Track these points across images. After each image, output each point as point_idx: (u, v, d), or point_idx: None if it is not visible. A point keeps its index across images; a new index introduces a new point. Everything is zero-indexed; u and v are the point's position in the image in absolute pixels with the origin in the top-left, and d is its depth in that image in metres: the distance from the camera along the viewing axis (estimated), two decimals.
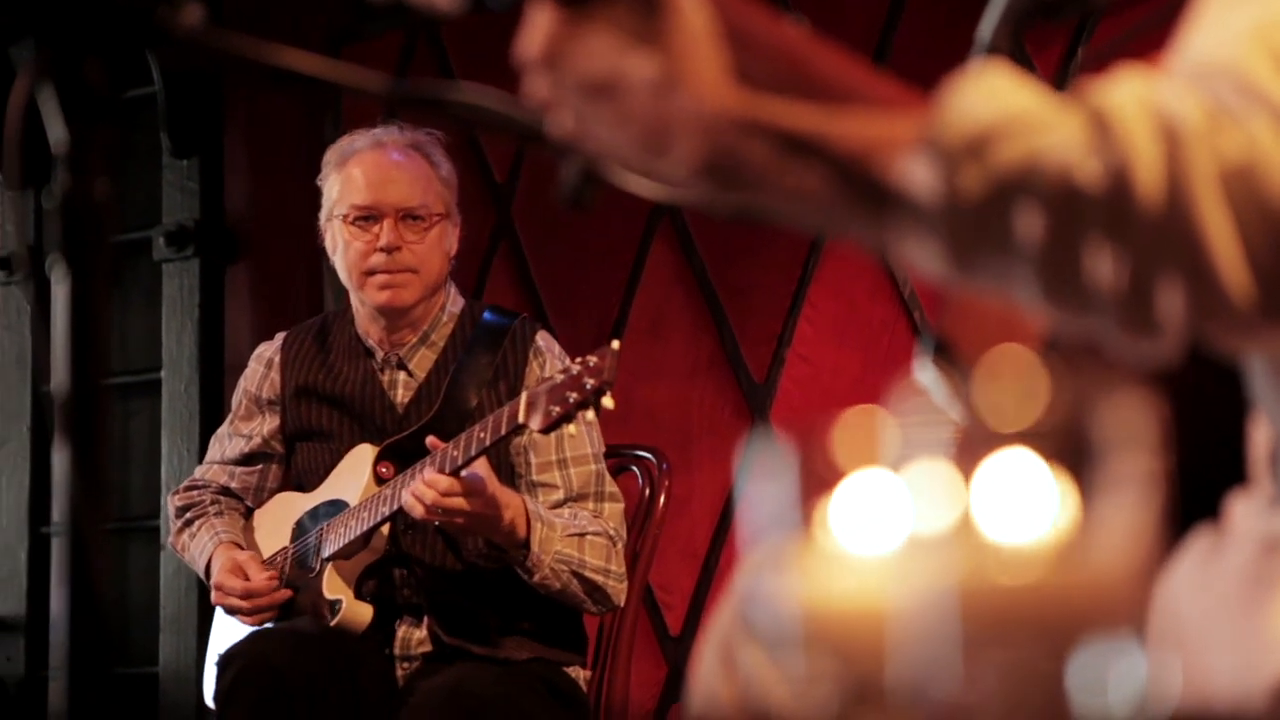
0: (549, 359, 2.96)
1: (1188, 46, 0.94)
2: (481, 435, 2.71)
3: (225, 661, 2.83)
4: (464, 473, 2.72)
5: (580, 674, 2.97)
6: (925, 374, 1.00)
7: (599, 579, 2.84)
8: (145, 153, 4.63)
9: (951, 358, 1.09)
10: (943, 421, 0.62)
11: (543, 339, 3.00)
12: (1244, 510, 1.04)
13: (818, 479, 0.63)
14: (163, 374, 4.52)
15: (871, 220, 0.95)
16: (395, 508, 2.81)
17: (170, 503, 3.20)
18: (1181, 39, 0.95)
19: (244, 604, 2.96)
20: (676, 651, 3.80)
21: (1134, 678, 0.58)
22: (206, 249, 4.49)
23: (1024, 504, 0.60)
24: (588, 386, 2.64)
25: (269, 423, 3.12)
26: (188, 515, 3.14)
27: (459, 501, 2.70)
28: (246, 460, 3.14)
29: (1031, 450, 0.61)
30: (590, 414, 2.73)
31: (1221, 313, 0.88)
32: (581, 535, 2.84)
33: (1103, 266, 0.88)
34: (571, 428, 2.69)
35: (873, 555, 0.61)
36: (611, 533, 2.87)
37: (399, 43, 4.31)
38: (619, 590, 2.88)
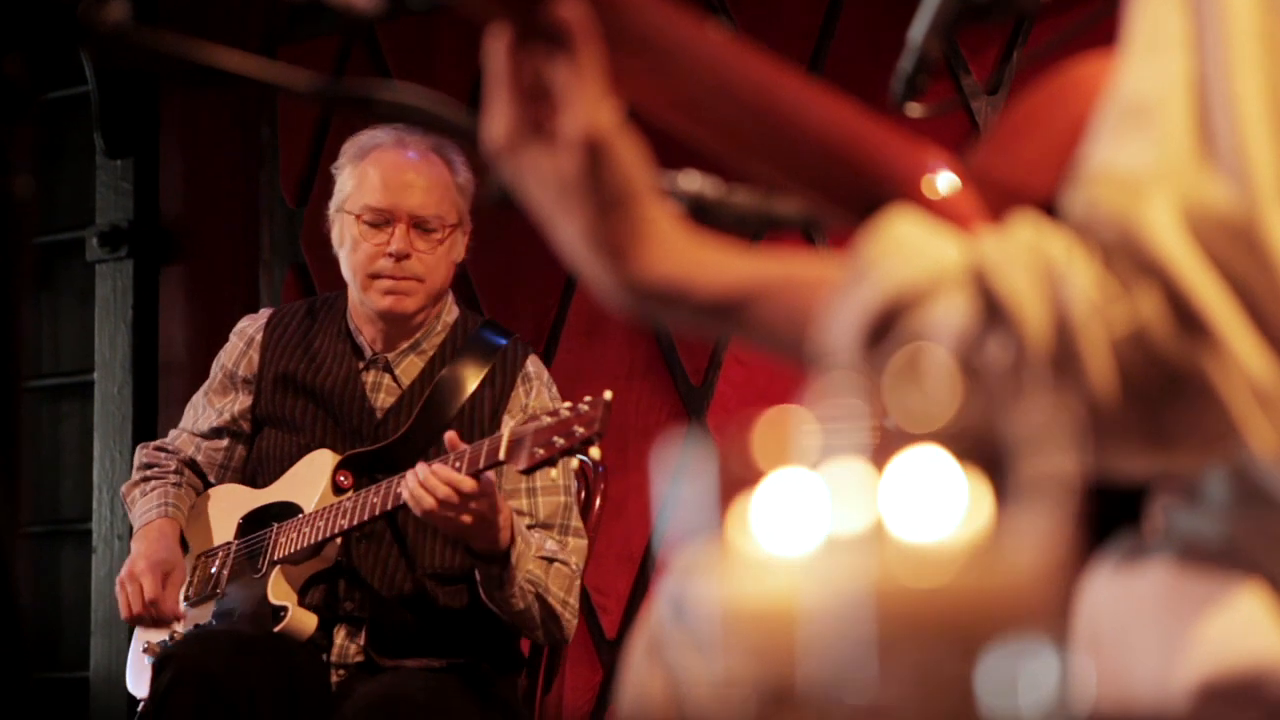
0: (536, 386, 2.95)
1: (1123, 79, 0.95)
2: (457, 465, 2.67)
3: (161, 663, 2.80)
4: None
5: (516, 680, 2.96)
6: (842, 373, 1.02)
7: (558, 607, 2.82)
8: (78, 152, 4.59)
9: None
10: (861, 421, 0.62)
11: (533, 364, 2.99)
12: (1166, 513, 1.05)
13: (737, 480, 0.63)
14: (95, 376, 4.48)
15: (806, 361, 1.01)
16: (356, 522, 2.78)
17: (138, 454, 3.16)
18: (1120, 53, 0.96)
19: (141, 609, 2.90)
20: (612, 655, 3.79)
21: (1045, 680, 0.59)
22: (140, 250, 4.45)
23: (938, 505, 0.61)
24: (576, 434, 2.61)
25: (240, 401, 3.08)
26: (148, 473, 3.10)
27: (477, 503, 2.65)
28: (215, 434, 3.10)
29: (945, 451, 0.61)
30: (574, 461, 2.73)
31: (1121, 453, 0.94)
32: (550, 560, 2.82)
33: (1013, 421, 0.92)
34: (553, 471, 2.68)
35: (790, 556, 0.62)
36: (574, 566, 2.86)
37: (335, 45, 4.30)
38: (572, 625, 2.87)
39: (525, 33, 1.04)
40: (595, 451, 2.63)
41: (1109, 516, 1.06)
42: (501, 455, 2.63)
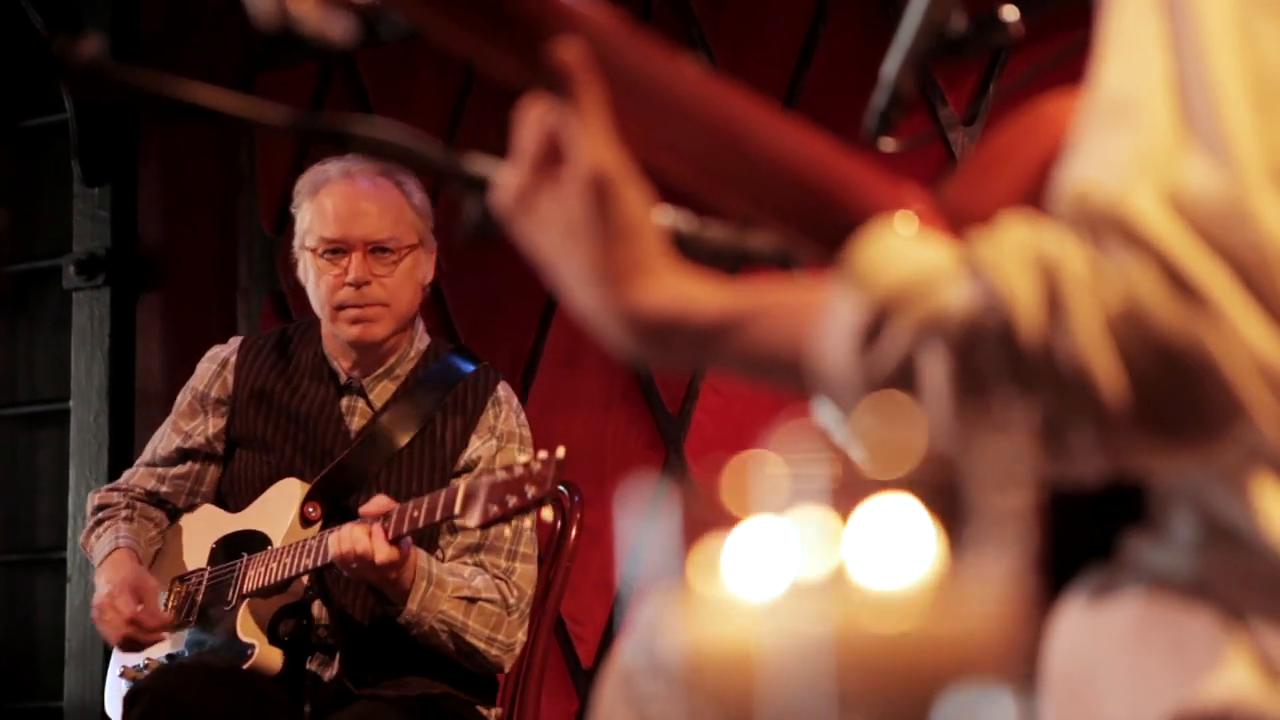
0: (505, 410, 2.97)
1: (1103, 79, 0.96)
2: (415, 514, 2.70)
3: (133, 696, 2.80)
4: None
5: (491, 712, 2.96)
6: (825, 414, 1.02)
7: (479, 645, 2.84)
8: (56, 180, 4.58)
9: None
10: (825, 466, 0.63)
11: (503, 389, 3.00)
12: (1137, 549, 1.05)
13: (703, 524, 0.64)
14: (71, 404, 4.47)
15: (801, 385, 1.02)
16: (321, 563, 2.79)
17: (89, 499, 3.16)
18: (1097, 59, 0.97)
19: (127, 629, 2.89)
20: (588, 684, 3.79)
21: None
22: (118, 278, 4.45)
23: (898, 551, 0.61)
24: (528, 495, 2.65)
25: (213, 423, 3.07)
26: (99, 515, 3.09)
27: (394, 572, 2.73)
28: (180, 457, 3.09)
29: (910, 497, 0.62)
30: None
31: (1126, 447, 0.92)
32: (473, 600, 2.84)
33: (1015, 410, 0.92)
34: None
35: (753, 600, 0.62)
36: (511, 600, 2.87)
37: (314, 72, 4.30)
38: (502, 658, 2.88)
39: (528, 76, 1.06)
40: (547, 513, 2.69)
41: (1078, 550, 1.07)
42: (456, 509, 2.68)
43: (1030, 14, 1.41)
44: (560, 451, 2.69)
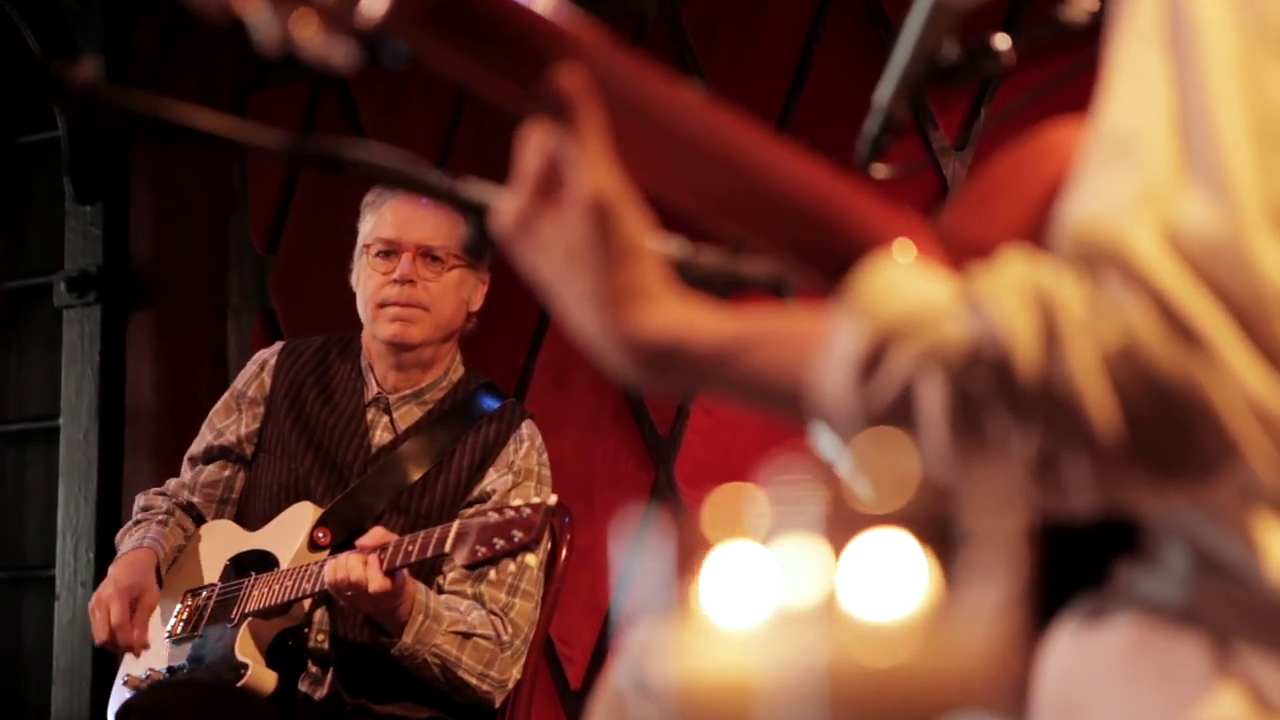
0: (526, 447, 3.00)
1: (1105, 115, 0.97)
2: (409, 549, 2.74)
3: (124, 713, 2.81)
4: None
5: None
6: (823, 442, 1.02)
7: (471, 680, 2.86)
8: (48, 197, 4.58)
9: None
10: (818, 497, 0.63)
11: (527, 427, 3.04)
12: (1129, 577, 1.06)
13: (695, 553, 0.64)
14: (61, 422, 4.46)
15: (799, 413, 1.03)
16: (320, 588, 2.81)
17: (136, 500, 3.20)
18: (1101, 95, 0.98)
19: (106, 636, 2.91)
20: (578, 706, 3.78)
21: None
22: (108, 296, 4.45)
23: (890, 584, 0.61)
24: (515, 539, 2.70)
25: (246, 424, 3.12)
26: (140, 515, 3.14)
27: (386, 601, 2.75)
28: (208, 457, 3.13)
29: (900, 531, 0.62)
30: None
31: (1119, 482, 0.93)
32: (468, 636, 2.86)
33: (1010, 443, 0.92)
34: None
35: (743, 629, 0.62)
36: (505, 637, 2.88)
37: (307, 90, 4.31)
38: (494, 694, 2.89)
39: (529, 102, 1.06)
40: (531, 559, 2.77)
41: (1071, 579, 1.07)
42: (447, 547, 2.73)
43: (1022, 43, 1.42)
44: (552, 499, 2.75)
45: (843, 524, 0.62)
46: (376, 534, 2.79)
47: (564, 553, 3.07)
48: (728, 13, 3.82)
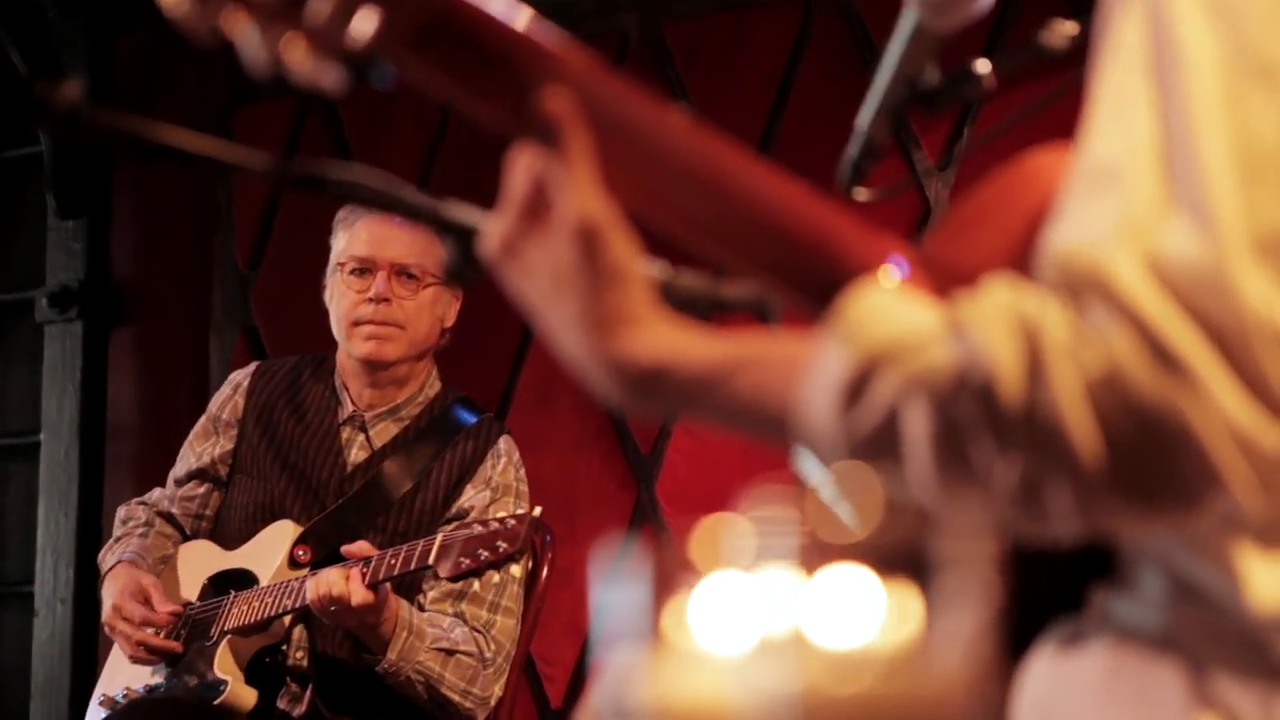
0: (504, 463, 3.00)
1: (1090, 143, 0.97)
2: (393, 562, 2.74)
3: None
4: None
5: None
6: (808, 467, 1.03)
7: (454, 697, 2.86)
8: (30, 212, 4.57)
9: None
10: (795, 526, 0.63)
11: (505, 443, 3.04)
12: (1106, 602, 1.06)
13: (672, 580, 0.64)
14: (42, 437, 4.45)
15: (784, 437, 1.03)
16: (301, 604, 2.81)
17: (118, 511, 3.21)
18: (1086, 123, 0.98)
19: (137, 633, 2.92)
20: None
21: None
22: (90, 311, 4.44)
23: (864, 612, 0.62)
24: (500, 549, 2.70)
25: (221, 445, 3.12)
26: (120, 530, 3.15)
27: (370, 616, 2.74)
28: (190, 479, 3.14)
29: (873, 560, 0.62)
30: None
31: (1101, 510, 0.93)
32: (450, 653, 2.87)
33: (994, 470, 0.93)
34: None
35: (720, 656, 0.62)
36: (488, 654, 2.89)
37: (294, 105, 4.31)
38: (476, 711, 2.90)
39: (516, 124, 1.07)
40: (516, 569, 2.76)
41: (1048, 603, 1.07)
42: (431, 560, 2.72)
43: (1002, 67, 1.43)
44: (536, 510, 2.74)
45: (818, 553, 0.63)
46: (362, 545, 2.79)
47: (545, 571, 3.07)
48: (711, 32, 3.83)
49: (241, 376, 3.18)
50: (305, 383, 3.11)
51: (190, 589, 3.05)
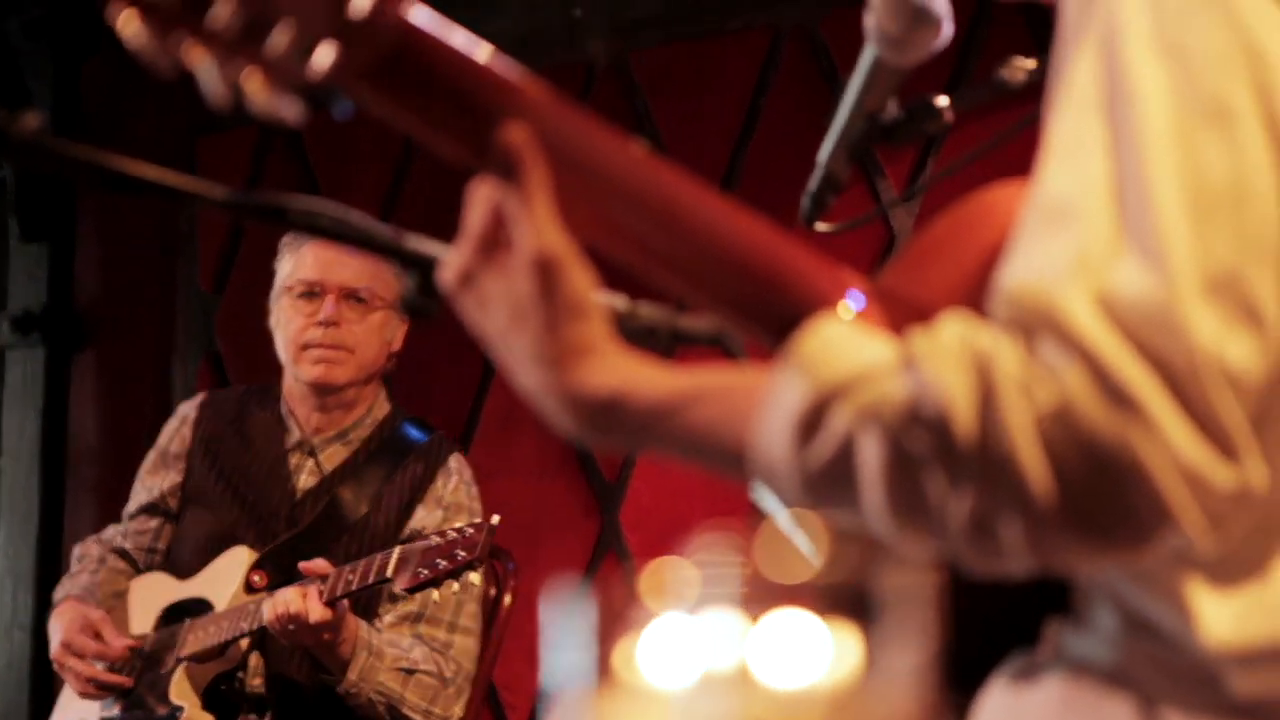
0: (455, 481, 2.99)
1: (1044, 181, 0.98)
2: (350, 577, 2.73)
3: None
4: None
5: None
6: (764, 499, 1.03)
7: (416, 717, 2.86)
8: None
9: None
10: (739, 569, 0.64)
11: (455, 461, 3.03)
12: (1060, 636, 1.07)
13: (618, 622, 0.65)
14: (3, 463, 4.42)
15: (740, 470, 1.04)
16: (258, 625, 2.79)
17: (74, 550, 3.20)
18: (1040, 161, 0.99)
19: (87, 669, 2.90)
20: None
21: None
22: (53, 336, 4.42)
23: (808, 652, 0.62)
24: (458, 558, 2.68)
25: (169, 478, 3.11)
26: (72, 571, 3.14)
27: (328, 634, 2.73)
28: (143, 512, 3.13)
29: (817, 601, 0.63)
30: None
31: (1053, 545, 0.94)
32: (410, 672, 2.86)
33: (946, 504, 0.93)
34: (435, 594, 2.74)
35: (666, 693, 0.63)
36: (448, 674, 2.88)
37: (257, 133, 4.30)
38: None
39: (475, 157, 1.07)
40: (475, 577, 2.72)
41: (1002, 637, 1.08)
42: (389, 573, 2.71)
43: (963, 102, 1.44)
44: (494, 518, 2.72)
45: (762, 596, 0.63)
46: (320, 563, 2.78)
47: (508, 599, 3.06)
48: (678, 61, 3.85)
49: (188, 408, 3.17)
50: (252, 411, 3.10)
51: (145, 621, 3.04)
